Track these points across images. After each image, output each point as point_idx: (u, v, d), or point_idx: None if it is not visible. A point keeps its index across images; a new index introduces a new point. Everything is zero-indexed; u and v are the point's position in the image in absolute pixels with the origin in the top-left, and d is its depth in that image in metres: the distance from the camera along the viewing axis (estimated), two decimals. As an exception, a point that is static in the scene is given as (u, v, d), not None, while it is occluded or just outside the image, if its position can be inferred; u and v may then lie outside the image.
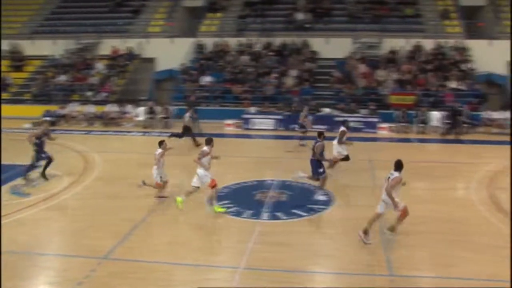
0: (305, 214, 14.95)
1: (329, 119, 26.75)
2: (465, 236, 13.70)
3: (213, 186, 14.82)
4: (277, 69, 31.70)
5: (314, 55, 32.93)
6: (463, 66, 30.91)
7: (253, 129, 27.56)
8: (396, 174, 12.73)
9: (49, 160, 18.09)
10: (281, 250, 12.58)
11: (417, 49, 32.07)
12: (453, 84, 29.33)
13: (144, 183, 16.16)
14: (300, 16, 35.01)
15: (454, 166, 20.59)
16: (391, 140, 25.28)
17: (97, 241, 12.78)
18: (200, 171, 14.86)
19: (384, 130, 26.37)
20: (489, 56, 31.62)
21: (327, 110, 27.61)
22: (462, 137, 25.67)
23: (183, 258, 12.10)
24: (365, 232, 12.95)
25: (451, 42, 32.55)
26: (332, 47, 32.58)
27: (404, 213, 12.93)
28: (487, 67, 31.37)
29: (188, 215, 14.97)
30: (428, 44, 32.59)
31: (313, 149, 16.86)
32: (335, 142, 18.77)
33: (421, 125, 26.73)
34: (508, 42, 32.53)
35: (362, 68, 30.50)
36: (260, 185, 17.64)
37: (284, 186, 17.58)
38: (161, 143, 16.00)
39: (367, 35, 32.81)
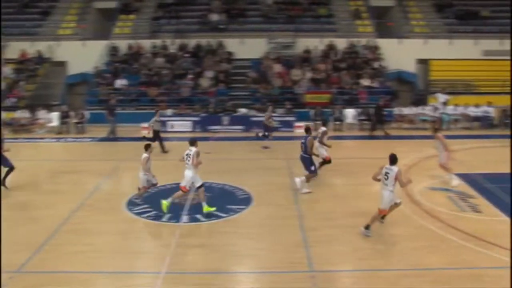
0: (224, 215, 14.92)
1: (246, 119, 26.85)
2: (382, 229, 14.10)
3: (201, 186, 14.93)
4: (193, 70, 31.47)
5: (230, 56, 32.94)
6: (375, 65, 31.78)
7: (170, 131, 27.18)
8: (395, 168, 13.16)
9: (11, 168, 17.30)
10: (203, 252, 12.50)
11: (331, 48, 32.71)
12: (366, 82, 30.09)
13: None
14: (214, 17, 34.93)
15: (369, 162, 20.91)
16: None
17: (9, 255, 12.10)
18: (189, 173, 14.76)
19: (301, 128, 26.48)
20: (399, 54, 32.74)
21: (243, 111, 27.65)
22: (376, 133, 26.33)
23: (102, 266, 11.74)
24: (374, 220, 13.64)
25: (363, 41, 33.43)
26: (247, 47, 32.72)
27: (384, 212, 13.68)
28: (398, 65, 32.45)
29: (105, 222, 14.56)
30: (341, 43, 33.31)
31: (304, 145, 16.88)
32: (316, 142, 18.36)
33: (337, 122, 27.23)
34: (416, 41, 33.86)
35: (277, 68, 30.78)
36: (179, 188, 17.39)
37: (203, 187, 17.46)
38: (147, 147, 15.75)
39: (281, 35, 33.14)
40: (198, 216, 14.77)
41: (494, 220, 14.82)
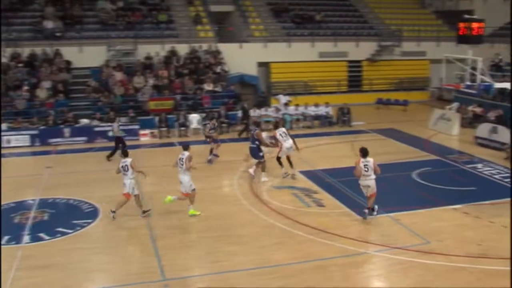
0: (70, 231, 14.30)
1: (88, 130, 25.79)
2: (232, 230, 14.35)
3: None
4: (28, 81, 29.63)
5: (68, 65, 31.45)
6: (217, 69, 32.03)
7: (6, 147, 25.35)
8: (371, 159, 14.31)
9: None
10: (49, 273, 11.87)
11: (172, 54, 32.49)
12: (209, 87, 30.22)
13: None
14: (49, 24, 33.17)
15: (217, 165, 21.22)
16: (153, 145, 25.18)
17: None
18: (185, 177, 15.09)
19: (146, 136, 26.14)
20: (240, 58, 33.37)
21: (85, 121, 26.51)
22: (222, 136, 26.51)
23: None
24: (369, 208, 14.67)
25: (204, 46, 33.57)
26: (86, 55, 31.51)
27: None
28: (239, 69, 33.00)
29: None
30: (183, 48, 33.20)
31: (253, 137, 18.92)
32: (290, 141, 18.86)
33: (182, 128, 27.05)
34: (256, 45, 34.76)
35: (119, 75, 29.97)
36: (19, 207, 16.41)
37: (45, 204, 16.59)
38: (126, 154, 15.45)
39: (121, 42, 32.29)
40: (42, 234, 13.99)
41: (336, 213, 15.60)
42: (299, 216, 15.18)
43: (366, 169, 14.26)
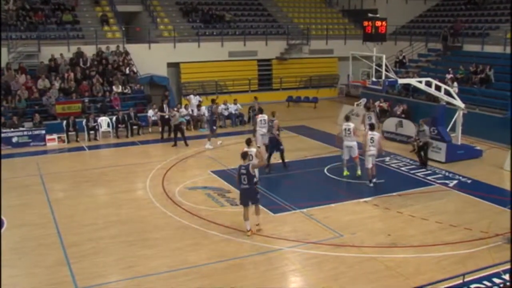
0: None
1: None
2: (144, 234, 14.17)
3: None
4: None
5: (-36, 68, 29.78)
6: (126, 70, 31.37)
7: None
8: (376, 133, 17.87)
9: None
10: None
11: (79, 55, 31.48)
12: (118, 89, 29.52)
13: None
14: None
15: (128, 168, 20.81)
16: (62, 150, 24.28)
17: None
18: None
19: (53, 141, 25.10)
20: (149, 59, 32.84)
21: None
22: (133, 139, 26.02)
23: None
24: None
25: (112, 47, 32.79)
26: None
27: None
28: (149, 70, 32.47)
29: None
30: (90, 50, 32.27)
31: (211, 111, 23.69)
32: (265, 130, 20.62)
33: (91, 132, 26.25)
34: (166, 45, 34.37)
35: (22, 78, 28.71)
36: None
37: None
38: (248, 142, 15.92)
39: (23, 44, 30.96)
40: None
41: (250, 211, 15.56)
42: (213, 216, 15.13)
43: (371, 141, 17.42)
